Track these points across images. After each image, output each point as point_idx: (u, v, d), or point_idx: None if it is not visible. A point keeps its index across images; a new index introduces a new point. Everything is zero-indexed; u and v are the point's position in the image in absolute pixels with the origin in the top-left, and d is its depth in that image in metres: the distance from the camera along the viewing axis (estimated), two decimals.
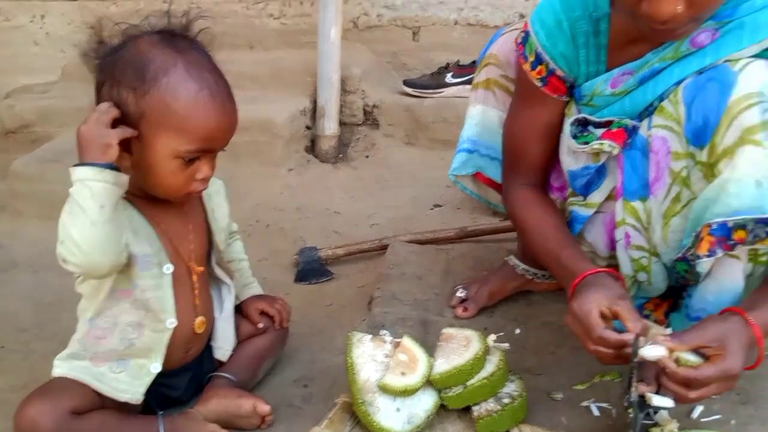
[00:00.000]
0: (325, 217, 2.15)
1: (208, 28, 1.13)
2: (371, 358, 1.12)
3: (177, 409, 1.18)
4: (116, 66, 1.03)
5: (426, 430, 1.09)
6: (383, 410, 1.05)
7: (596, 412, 1.16)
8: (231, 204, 1.29)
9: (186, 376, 1.21)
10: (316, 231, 2.04)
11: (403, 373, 1.09)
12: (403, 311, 1.50)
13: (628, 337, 0.95)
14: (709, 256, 0.99)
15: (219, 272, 1.27)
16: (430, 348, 1.19)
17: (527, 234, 1.28)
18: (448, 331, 1.23)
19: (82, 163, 0.98)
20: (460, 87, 2.60)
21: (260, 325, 1.31)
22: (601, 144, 1.09)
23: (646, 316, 1.29)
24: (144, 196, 1.11)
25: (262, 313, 1.33)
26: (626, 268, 1.19)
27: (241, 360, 1.27)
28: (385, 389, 1.06)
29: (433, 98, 2.66)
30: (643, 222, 1.12)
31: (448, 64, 2.69)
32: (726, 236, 0.97)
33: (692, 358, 0.95)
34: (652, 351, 0.95)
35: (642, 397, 1.12)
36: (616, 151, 1.09)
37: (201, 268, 1.20)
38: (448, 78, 2.65)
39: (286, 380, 1.32)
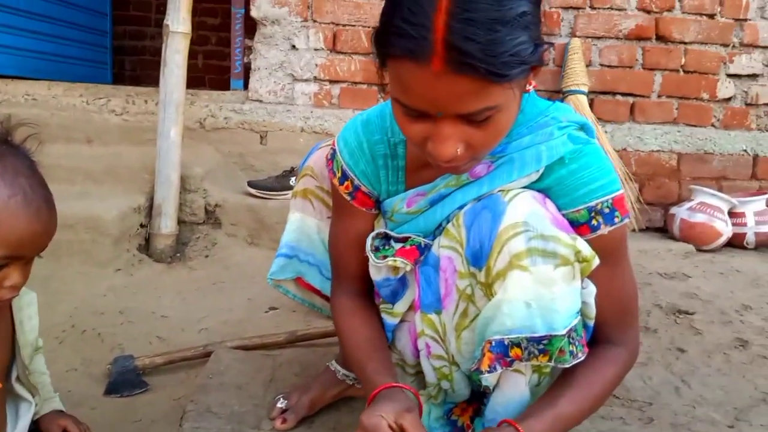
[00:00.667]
0: (151, 322, 2.03)
1: (36, 133, 1.09)
2: None
3: None
4: None
5: None
6: None
7: None
8: (46, 308, 1.20)
9: None
10: (138, 337, 1.92)
11: None
12: (216, 425, 1.42)
13: None
14: (490, 371, 1.04)
15: (19, 388, 1.15)
16: None
17: (343, 343, 1.30)
18: None
19: None
20: None
21: None
22: (395, 261, 1.16)
23: (454, 422, 1.33)
24: None
25: (65, 431, 1.23)
26: (430, 376, 1.24)
27: None
28: None
29: (277, 200, 2.70)
30: (440, 333, 1.17)
31: (292, 168, 2.77)
32: (503, 353, 1.03)
33: None
34: None
35: None
36: (408, 268, 1.16)
37: (0, 385, 1.09)
38: (293, 181, 2.71)
39: None
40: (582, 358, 1.06)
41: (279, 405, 1.49)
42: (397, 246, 1.19)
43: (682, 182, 3.35)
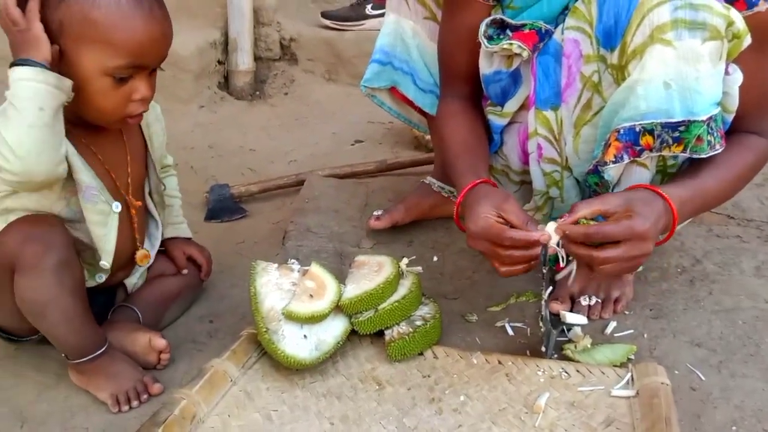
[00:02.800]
0: (240, 155, 2.04)
1: None
2: (277, 287, 1.05)
3: None
4: None
5: (337, 356, 1.04)
6: (288, 338, 0.98)
7: (510, 332, 1.15)
8: None
9: (99, 299, 1.13)
10: (229, 169, 1.93)
11: (311, 299, 1.03)
12: (318, 244, 1.44)
13: (536, 235, 0.92)
14: (615, 162, 0.96)
15: (151, 206, 1.19)
16: (346, 278, 1.14)
17: (442, 147, 1.23)
18: (360, 258, 1.18)
19: (21, 62, 0.88)
20: (381, 19, 2.49)
21: (184, 272, 1.26)
22: (510, 44, 1.03)
23: None
24: (80, 122, 1.00)
25: (189, 258, 1.28)
26: (539, 183, 1.16)
27: (149, 297, 1.19)
28: (290, 316, 1.00)
29: (353, 31, 2.55)
30: (555, 133, 1.08)
31: None
32: (633, 142, 0.94)
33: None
34: (551, 226, 0.93)
35: (556, 315, 1.11)
36: (525, 54, 1.04)
37: (139, 203, 1.13)
38: (368, 9, 2.54)
39: (192, 317, 1.24)
40: (719, 150, 0.95)
41: (375, 213, 1.48)
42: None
43: None
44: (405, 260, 1.15)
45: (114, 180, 1.08)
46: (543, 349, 1.02)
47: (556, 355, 1.04)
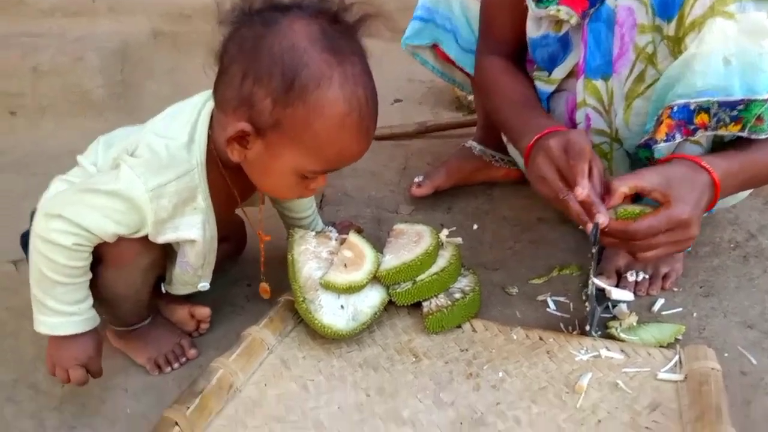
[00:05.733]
0: None
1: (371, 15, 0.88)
2: (314, 255, 1.04)
3: None
4: (261, 55, 0.83)
5: (374, 326, 1.03)
6: (326, 307, 0.98)
7: (552, 306, 1.11)
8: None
9: None
10: None
11: (346, 269, 1.01)
12: (355, 208, 1.42)
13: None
14: (666, 141, 0.89)
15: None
16: (383, 245, 1.12)
17: (492, 100, 1.16)
18: (399, 226, 1.15)
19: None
20: None
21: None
22: (558, 10, 0.97)
23: None
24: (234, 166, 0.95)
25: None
26: None
27: None
28: (327, 286, 0.99)
29: None
30: (605, 104, 1.02)
31: None
32: (687, 120, 0.88)
33: (637, 209, 0.87)
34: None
35: (601, 290, 1.07)
36: (573, 20, 0.97)
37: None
38: None
39: (230, 280, 1.24)
40: None
41: (416, 180, 1.45)
42: None
43: None
44: (445, 231, 1.12)
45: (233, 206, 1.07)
46: (587, 327, 0.99)
47: (600, 333, 1.01)
